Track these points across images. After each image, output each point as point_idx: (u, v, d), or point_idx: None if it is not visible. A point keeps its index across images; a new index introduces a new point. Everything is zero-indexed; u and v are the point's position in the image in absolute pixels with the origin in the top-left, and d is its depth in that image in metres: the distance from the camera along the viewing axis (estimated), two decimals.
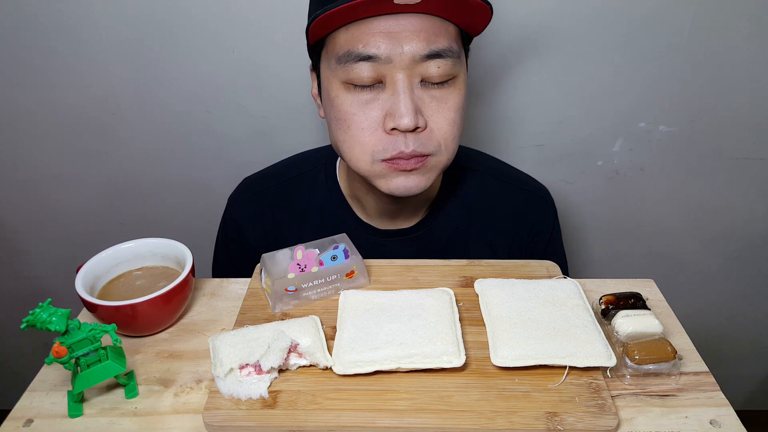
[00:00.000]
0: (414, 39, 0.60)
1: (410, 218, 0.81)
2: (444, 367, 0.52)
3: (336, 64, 0.63)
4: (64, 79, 0.98)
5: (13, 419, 0.51)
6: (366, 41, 0.60)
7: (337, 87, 0.65)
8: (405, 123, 0.61)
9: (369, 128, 0.64)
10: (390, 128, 0.63)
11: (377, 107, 0.63)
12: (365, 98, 0.63)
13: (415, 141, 0.63)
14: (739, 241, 1.20)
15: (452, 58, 0.62)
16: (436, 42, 0.61)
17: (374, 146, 0.65)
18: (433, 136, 0.65)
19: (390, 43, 0.60)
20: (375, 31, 0.60)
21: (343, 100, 0.64)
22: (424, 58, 0.61)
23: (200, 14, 0.92)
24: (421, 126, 0.63)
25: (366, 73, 0.61)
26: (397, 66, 0.61)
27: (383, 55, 0.60)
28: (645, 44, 0.95)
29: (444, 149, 0.66)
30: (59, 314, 0.46)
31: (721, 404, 0.52)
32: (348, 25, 0.62)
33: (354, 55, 0.61)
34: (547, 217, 0.85)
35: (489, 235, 0.83)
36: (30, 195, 1.13)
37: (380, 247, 0.81)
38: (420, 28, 0.60)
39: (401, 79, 0.61)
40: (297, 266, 0.60)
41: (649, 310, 0.57)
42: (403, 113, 0.61)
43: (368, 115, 0.64)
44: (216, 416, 0.49)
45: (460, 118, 0.67)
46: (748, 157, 1.08)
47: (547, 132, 1.06)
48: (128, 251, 0.64)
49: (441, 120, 0.65)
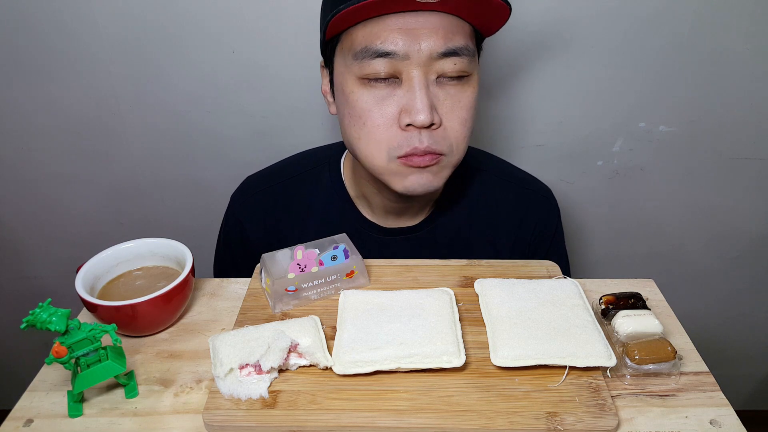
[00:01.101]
0: (432, 36, 0.60)
1: (414, 217, 0.81)
2: (444, 367, 0.52)
3: (352, 60, 0.63)
4: (65, 79, 0.98)
5: (13, 419, 0.51)
6: (384, 37, 0.61)
7: (353, 83, 0.65)
8: (421, 119, 0.61)
9: (384, 124, 0.64)
10: (405, 124, 0.63)
11: (393, 103, 0.64)
12: (381, 94, 0.64)
13: (429, 138, 0.64)
14: (739, 241, 1.20)
15: (468, 57, 0.63)
16: (454, 40, 0.61)
17: (389, 142, 0.65)
18: (447, 135, 0.65)
19: (408, 40, 0.60)
20: (393, 27, 0.60)
21: (359, 96, 0.64)
22: (441, 56, 0.61)
23: (200, 14, 0.92)
24: (437, 123, 0.64)
25: (383, 68, 0.62)
26: (414, 62, 0.61)
27: (401, 52, 0.60)
28: (645, 44, 0.95)
29: (455, 149, 0.67)
30: (59, 314, 0.46)
31: (721, 404, 0.52)
32: (365, 21, 0.62)
33: (371, 51, 0.61)
34: (550, 217, 0.85)
35: (492, 234, 0.83)
36: (30, 195, 1.13)
37: (384, 246, 0.81)
38: (438, 25, 0.61)
39: (417, 76, 0.62)
40: (297, 266, 0.60)
41: (649, 310, 0.57)
42: (420, 109, 0.61)
43: (384, 111, 0.64)
44: (216, 416, 0.49)
45: (471, 119, 0.67)
46: (748, 157, 1.08)
47: (547, 132, 1.06)
48: (128, 251, 0.63)
49: (454, 119, 0.65)
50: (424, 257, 0.71)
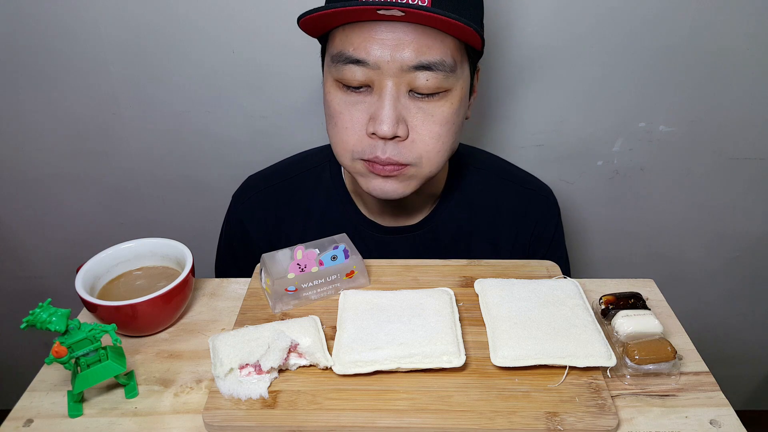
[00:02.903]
0: (404, 48, 0.59)
1: (414, 216, 0.81)
2: (444, 367, 0.52)
3: (330, 62, 0.64)
4: (65, 79, 0.98)
5: (13, 419, 0.50)
6: (357, 45, 0.60)
7: (330, 84, 0.66)
8: (383, 130, 0.62)
9: (352, 128, 0.65)
10: (370, 132, 0.64)
11: (363, 109, 0.64)
12: (353, 99, 0.64)
13: (392, 149, 0.64)
14: (739, 241, 1.20)
15: (444, 72, 0.61)
16: (428, 54, 0.60)
17: (354, 146, 0.66)
18: (415, 147, 0.65)
19: (380, 50, 0.60)
20: (367, 36, 0.60)
21: (333, 96, 0.65)
22: (413, 69, 0.60)
23: (200, 14, 0.92)
24: (402, 135, 0.63)
25: (356, 75, 0.62)
26: (385, 73, 0.61)
27: (372, 61, 0.60)
28: (645, 44, 0.95)
29: (426, 162, 0.66)
30: (59, 314, 0.46)
31: (721, 404, 0.52)
32: (345, 26, 0.62)
33: (344, 57, 0.62)
34: (550, 217, 0.85)
35: (492, 233, 0.83)
36: (30, 195, 1.13)
37: (384, 245, 0.81)
38: (412, 38, 0.59)
39: (388, 87, 0.62)
40: (297, 266, 0.60)
41: (649, 310, 0.57)
42: (383, 120, 0.62)
43: (353, 115, 0.65)
44: (216, 416, 0.49)
45: (448, 132, 0.66)
46: (748, 157, 1.08)
47: (547, 132, 1.06)
48: (128, 251, 0.63)
49: (425, 132, 0.64)
50: (424, 256, 0.71)
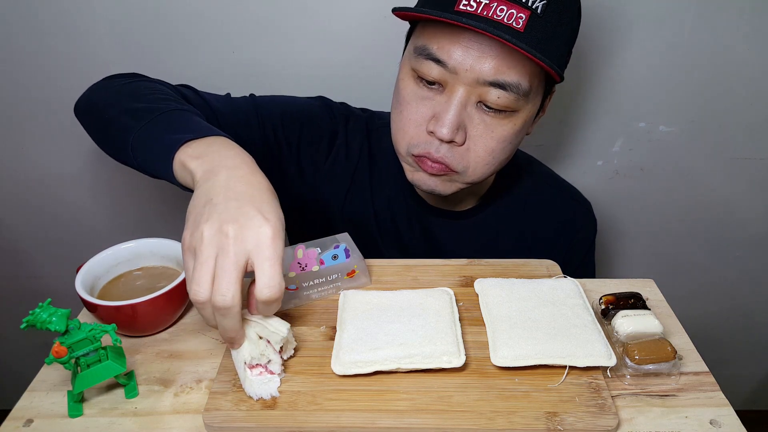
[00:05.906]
0: (485, 62, 0.60)
1: (458, 205, 0.82)
2: (444, 367, 0.52)
3: (413, 51, 0.65)
4: (65, 78, 0.98)
5: (13, 419, 0.50)
6: (442, 45, 0.61)
7: (406, 71, 0.66)
8: (442, 133, 0.63)
9: (415, 121, 0.66)
10: (430, 130, 0.65)
11: (429, 106, 0.65)
12: (423, 94, 0.65)
13: (446, 151, 0.65)
14: (739, 241, 1.20)
15: (516, 94, 0.61)
16: (506, 74, 0.60)
17: (411, 139, 0.67)
18: (467, 155, 0.66)
19: (462, 56, 0.60)
20: (454, 39, 0.60)
21: (406, 85, 0.66)
22: (487, 84, 0.61)
23: (200, 14, 0.92)
24: (458, 142, 0.64)
25: (432, 73, 0.62)
26: (460, 79, 0.61)
27: (451, 65, 0.61)
28: (645, 44, 0.95)
29: (471, 172, 0.68)
30: (59, 314, 0.46)
31: (721, 404, 0.52)
32: (436, 21, 0.61)
33: (426, 52, 0.62)
34: (589, 230, 0.87)
35: (530, 236, 0.83)
36: (30, 195, 1.13)
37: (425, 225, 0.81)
38: (496, 54, 0.59)
39: (459, 92, 0.62)
40: (298, 265, 0.60)
41: (649, 310, 0.57)
42: (445, 123, 0.63)
43: (419, 109, 0.65)
44: (216, 417, 0.49)
45: (503, 150, 0.67)
46: (748, 157, 1.08)
47: (547, 132, 1.06)
48: (128, 251, 0.64)
49: (481, 145, 0.65)
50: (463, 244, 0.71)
